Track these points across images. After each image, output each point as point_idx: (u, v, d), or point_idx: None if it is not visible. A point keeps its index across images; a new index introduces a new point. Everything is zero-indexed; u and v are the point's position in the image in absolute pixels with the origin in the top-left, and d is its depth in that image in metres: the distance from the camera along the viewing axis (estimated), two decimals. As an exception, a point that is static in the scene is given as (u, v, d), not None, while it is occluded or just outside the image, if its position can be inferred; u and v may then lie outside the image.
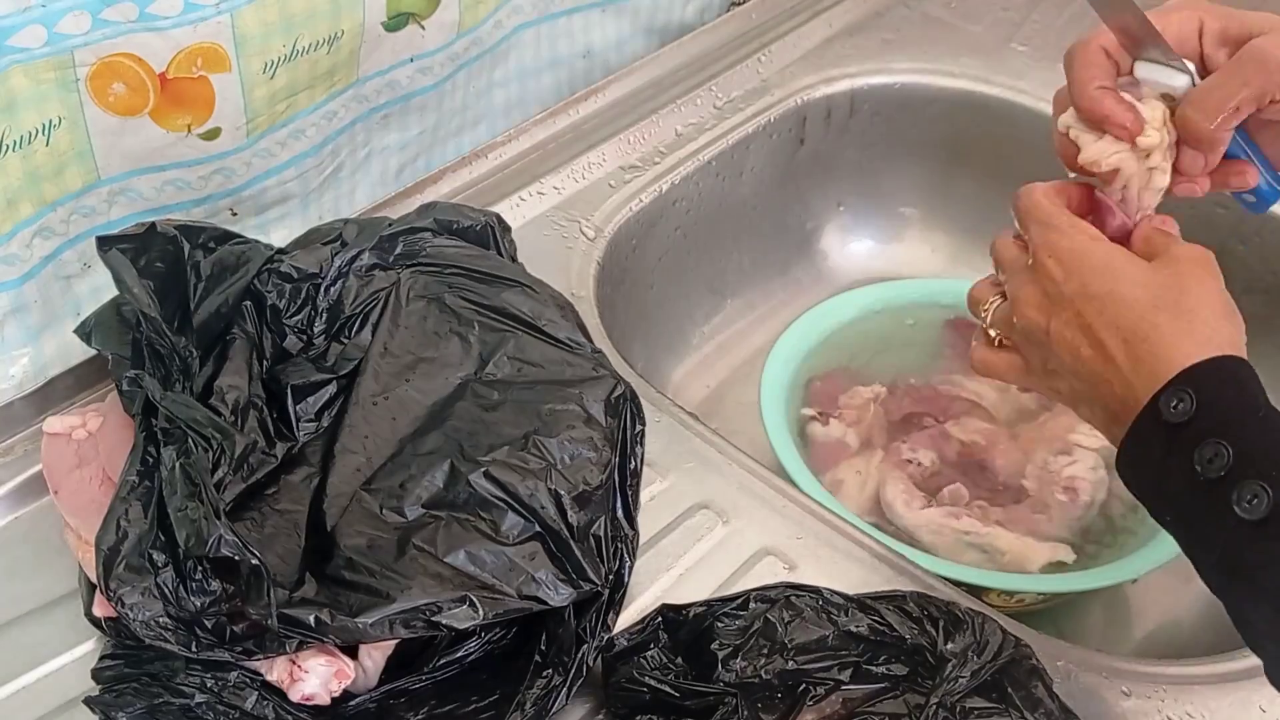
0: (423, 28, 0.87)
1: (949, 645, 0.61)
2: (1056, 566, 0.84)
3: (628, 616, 0.66)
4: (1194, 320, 0.59)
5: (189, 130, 0.77)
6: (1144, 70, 0.65)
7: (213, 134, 0.78)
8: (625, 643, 0.63)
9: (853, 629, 0.62)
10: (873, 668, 0.62)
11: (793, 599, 0.63)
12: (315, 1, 0.77)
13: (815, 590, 0.64)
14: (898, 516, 0.86)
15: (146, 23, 0.71)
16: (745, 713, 0.58)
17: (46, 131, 0.72)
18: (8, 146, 0.70)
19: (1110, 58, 0.65)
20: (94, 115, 0.73)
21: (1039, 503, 0.87)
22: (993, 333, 0.68)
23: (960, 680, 0.60)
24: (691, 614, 0.63)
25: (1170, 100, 0.64)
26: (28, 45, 0.68)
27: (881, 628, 0.62)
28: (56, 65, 0.70)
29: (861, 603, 0.63)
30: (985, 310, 0.68)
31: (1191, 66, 0.64)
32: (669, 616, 0.64)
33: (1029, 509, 0.87)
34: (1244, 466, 0.54)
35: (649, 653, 0.62)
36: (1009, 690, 0.60)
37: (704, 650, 0.62)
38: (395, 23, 0.85)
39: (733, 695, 0.59)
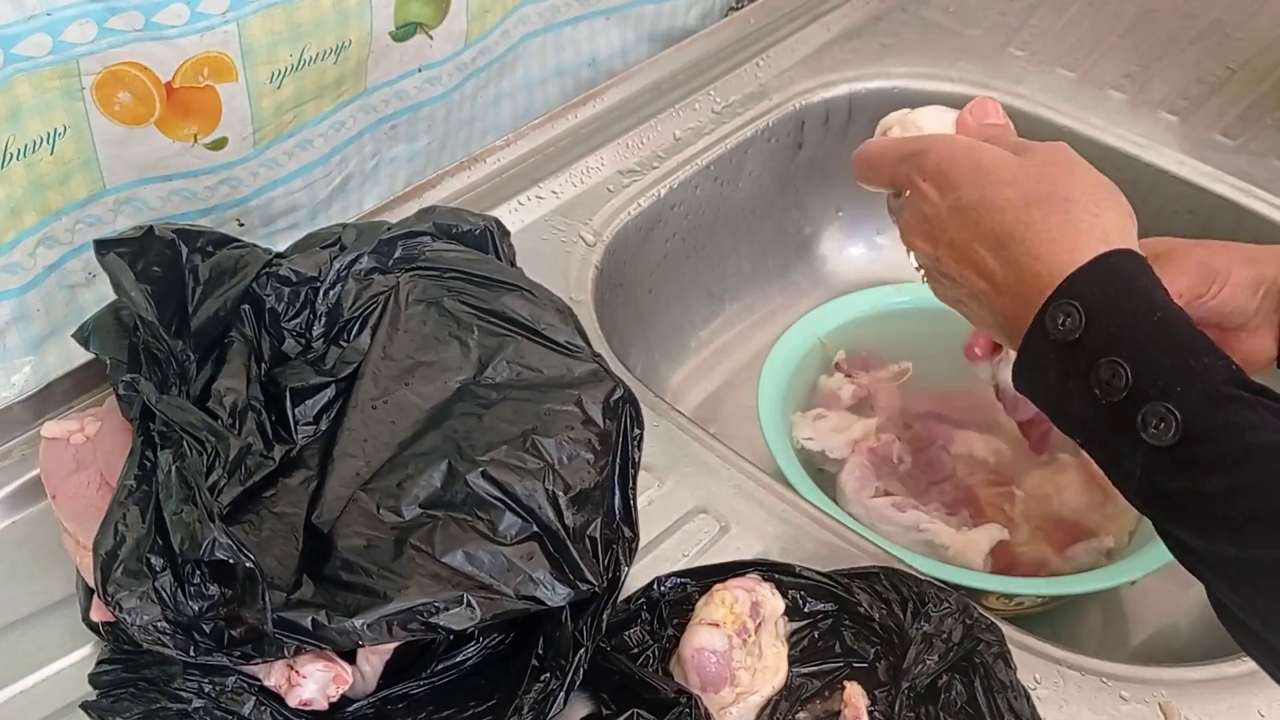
0: (430, 37, 0.87)
1: (918, 623, 0.64)
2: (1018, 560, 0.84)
3: (626, 620, 0.66)
4: (1071, 211, 0.55)
5: (195, 140, 0.77)
6: None
7: (219, 144, 0.78)
8: (613, 619, 0.64)
9: (823, 608, 0.66)
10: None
11: (773, 577, 0.67)
12: (322, 11, 0.77)
13: (788, 567, 0.67)
14: (847, 501, 0.86)
15: (152, 31, 0.71)
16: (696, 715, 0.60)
17: (51, 140, 0.71)
18: (11, 155, 0.70)
19: None
20: (99, 124, 0.73)
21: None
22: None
23: (927, 663, 0.62)
24: (683, 587, 0.67)
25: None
26: (32, 54, 0.68)
27: (853, 603, 0.65)
28: (62, 74, 0.70)
29: (835, 580, 0.67)
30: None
31: None
32: (652, 595, 0.66)
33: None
34: (1145, 386, 0.50)
35: (632, 631, 0.65)
36: (971, 673, 0.62)
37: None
38: (403, 32, 0.84)
39: (687, 695, 0.60)
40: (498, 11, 0.91)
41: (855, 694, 0.62)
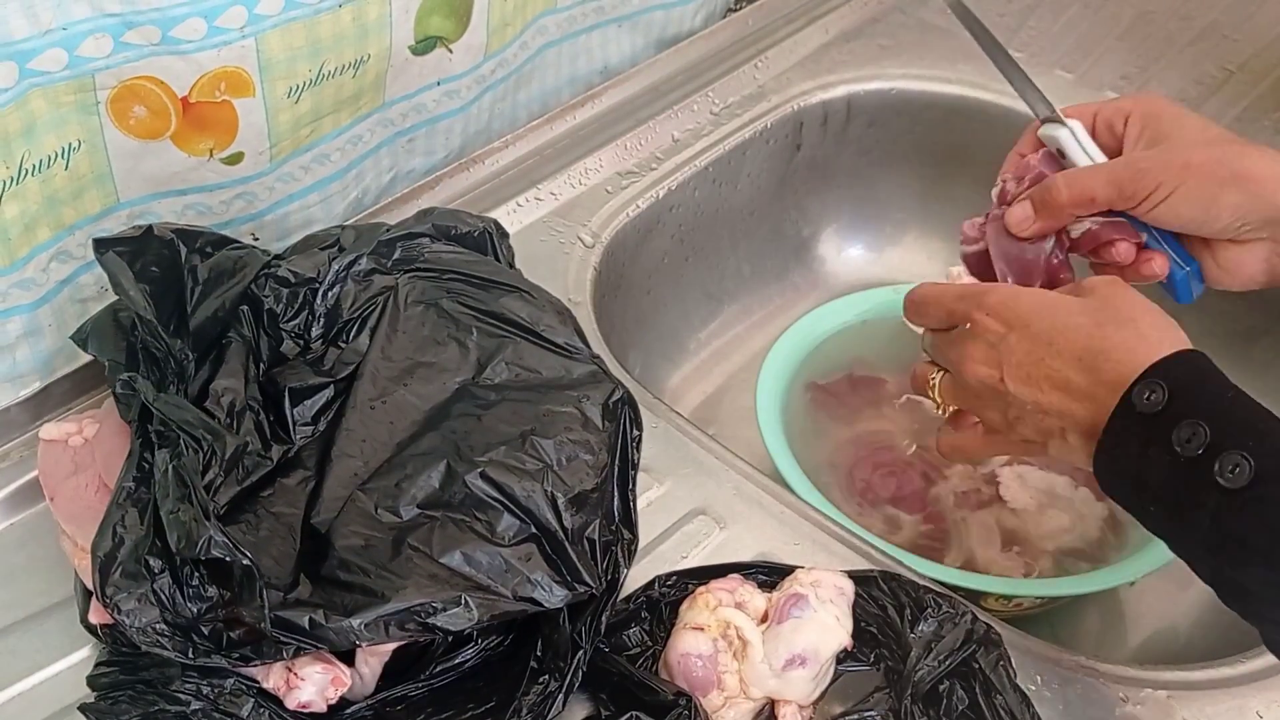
0: (450, 51, 0.86)
1: (917, 629, 0.64)
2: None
3: (625, 622, 0.66)
4: (1139, 326, 0.63)
5: (211, 154, 0.76)
6: (1044, 130, 0.77)
7: (235, 158, 0.78)
8: (612, 619, 0.64)
9: None
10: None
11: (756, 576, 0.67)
12: (342, 26, 0.77)
13: (788, 569, 0.67)
14: None
15: (169, 46, 0.70)
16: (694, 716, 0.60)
17: (66, 155, 0.71)
18: (26, 170, 0.69)
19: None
20: (114, 138, 0.72)
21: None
22: (940, 403, 0.72)
23: (926, 668, 0.62)
24: (684, 586, 0.67)
25: None
26: (48, 69, 0.68)
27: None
28: (77, 88, 0.69)
29: None
30: (932, 384, 0.72)
31: (1075, 125, 0.75)
32: (652, 595, 0.66)
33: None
34: (1222, 439, 0.56)
35: (631, 631, 0.65)
36: (972, 679, 0.62)
37: None
38: (423, 46, 0.84)
39: (686, 698, 0.60)
40: (518, 24, 0.91)
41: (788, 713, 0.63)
